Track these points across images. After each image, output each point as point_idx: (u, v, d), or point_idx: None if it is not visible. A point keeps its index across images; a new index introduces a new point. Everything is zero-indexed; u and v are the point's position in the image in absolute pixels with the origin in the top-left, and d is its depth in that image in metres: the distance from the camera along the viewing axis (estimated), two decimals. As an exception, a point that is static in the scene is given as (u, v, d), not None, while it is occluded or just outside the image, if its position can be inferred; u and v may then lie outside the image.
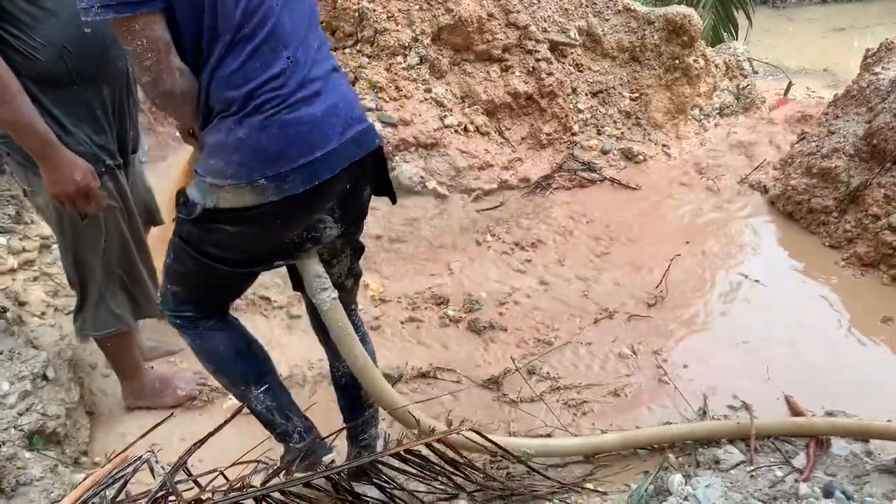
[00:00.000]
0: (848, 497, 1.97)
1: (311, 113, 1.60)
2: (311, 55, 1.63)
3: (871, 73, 4.18)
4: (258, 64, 1.53)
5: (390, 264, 3.61)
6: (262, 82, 1.54)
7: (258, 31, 1.52)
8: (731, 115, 5.38)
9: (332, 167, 1.63)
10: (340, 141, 1.65)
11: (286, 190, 1.58)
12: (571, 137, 4.64)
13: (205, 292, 1.91)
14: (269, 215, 1.63)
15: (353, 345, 1.94)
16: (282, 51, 1.56)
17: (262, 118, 1.54)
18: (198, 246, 1.75)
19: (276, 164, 1.56)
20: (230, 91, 1.54)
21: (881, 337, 3.10)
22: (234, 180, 1.57)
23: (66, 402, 2.37)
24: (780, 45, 8.72)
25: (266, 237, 1.72)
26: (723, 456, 2.32)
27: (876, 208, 3.58)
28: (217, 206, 1.61)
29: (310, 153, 1.59)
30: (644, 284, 3.49)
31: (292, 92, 1.57)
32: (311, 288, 1.87)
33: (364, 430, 2.21)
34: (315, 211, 1.72)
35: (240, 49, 1.52)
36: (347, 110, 1.69)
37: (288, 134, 1.57)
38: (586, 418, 2.69)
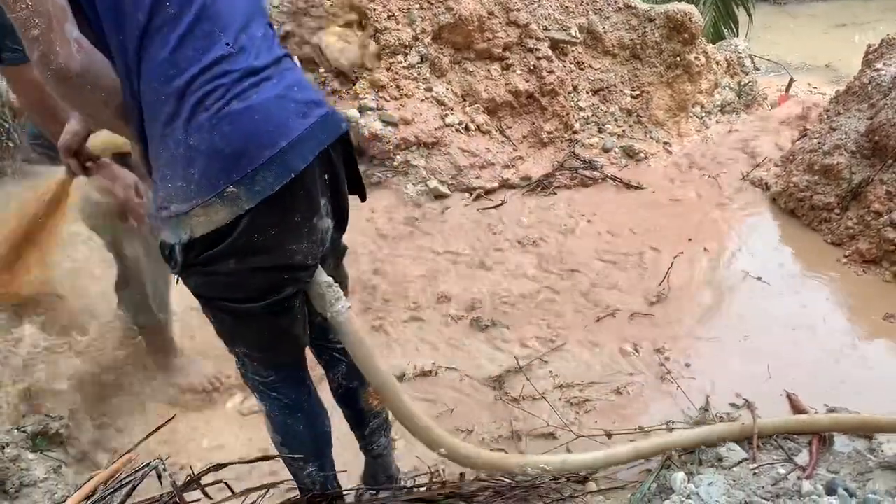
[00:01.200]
0: (851, 494, 1.97)
1: (264, 99, 1.38)
2: (257, 43, 1.42)
3: (873, 70, 4.17)
4: (191, 51, 1.32)
5: (392, 263, 3.61)
6: (199, 71, 1.32)
7: (185, 11, 1.31)
8: (733, 112, 5.37)
9: (304, 156, 1.40)
10: (304, 126, 1.42)
11: (259, 192, 1.34)
12: (573, 135, 4.64)
13: (267, 344, 1.69)
14: (256, 231, 1.41)
15: (371, 355, 1.78)
16: (219, 35, 1.35)
17: (208, 115, 1.32)
18: (211, 296, 1.56)
19: (238, 164, 1.33)
20: (161, 85, 1.31)
21: (883, 334, 3.10)
22: (199, 198, 1.33)
23: (70, 402, 2.38)
24: (781, 41, 8.70)
25: (271, 257, 1.48)
26: (725, 454, 2.32)
27: (878, 205, 3.57)
28: (193, 236, 1.37)
29: (274, 144, 1.36)
30: (646, 282, 3.49)
31: (237, 80, 1.35)
32: (325, 300, 1.68)
33: (373, 441, 2.11)
34: (308, 210, 1.50)
35: (165, 34, 1.30)
36: (304, 93, 1.48)
37: (243, 127, 1.34)
38: (589, 416, 2.69)
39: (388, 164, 4.11)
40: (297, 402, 1.80)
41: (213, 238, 1.38)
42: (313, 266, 1.61)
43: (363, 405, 1.99)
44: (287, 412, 1.80)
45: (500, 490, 2.15)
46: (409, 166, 4.11)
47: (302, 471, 1.89)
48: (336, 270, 1.82)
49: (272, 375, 1.76)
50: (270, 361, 1.74)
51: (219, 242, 1.39)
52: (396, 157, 4.09)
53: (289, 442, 1.85)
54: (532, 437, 2.61)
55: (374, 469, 2.17)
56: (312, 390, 1.87)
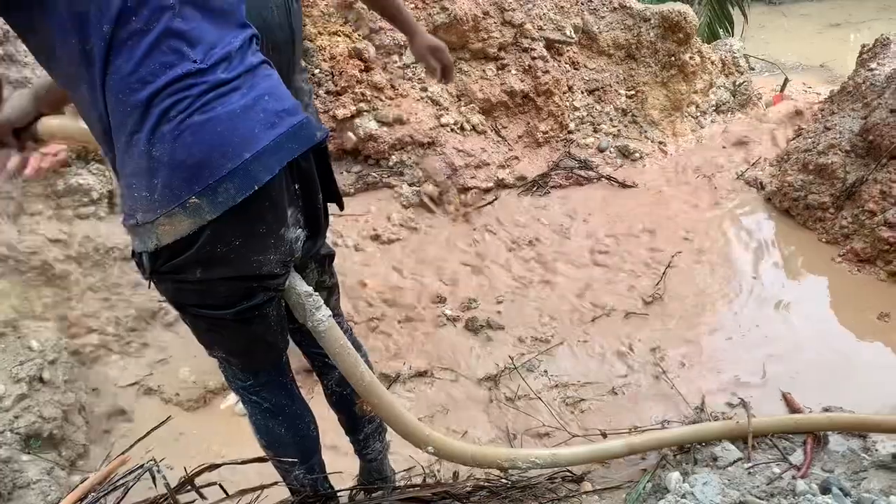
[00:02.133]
0: (845, 493, 1.97)
1: (230, 110, 1.36)
2: (231, 54, 1.40)
3: (867, 69, 4.18)
4: (157, 65, 1.30)
5: (387, 264, 3.61)
6: (164, 84, 1.30)
7: (152, 26, 1.29)
8: (728, 111, 5.37)
9: (269, 168, 1.38)
10: (272, 137, 1.40)
11: (222, 203, 1.33)
12: (568, 135, 4.64)
13: (242, 350, 1.69)
14: (220, 242, 1.40)
15: (357, 363, 1.77)
16: (186, 51, 1.33)
17: (171, 127, 1.30)
18: (184, 302, 1.56)
19: (200, 176, 1.32)
20: (127, 97, 1.30)
21: (878, 332, 3.11)
22: (163, 208, 1.33)
23: (63, 404, 2.37)
24: (775, 41, 8.72)
25: (235, 267, 1.47)
26: (720, 453, 2.32)
27: (872, 204, 3.58)
28: (159, 245, 1.37)
29: (237, 156, 1.34)
30: (641, 282, 3.49)
31: (203, 92, 1.34)
32: (304, 310, 1.67)
33: (367, 445, 2.12)
34: (274, 222, 1.48)
35: (132, 48, 1.28)
36: (276, 102, 1.45)
37: (205, 139, 1.32)
38: (584, 416, 2.70)
39: (382, 164, 4.11)
40: (278, 407, 1.80)
41: (179, 247, 1.38)
42: (283, 275, 1.59)
43: (357, 411, 1.98)
44: (269, 416, 1.80)
45: (495, 490, 2.15)
46: (405, 166, 4.10)
47: (289, 473, 1.89)
48: (322, 277, 1.82)
49: (251, 380, 1.76)
50: (249, 367, 1.74)
51: (184, 252, 1.38)
52: (391, 157, 4.08)
53: (272, 445, 1.85)
54: (527, 437, 2.61)
55: (368, 472, 2.17)
56: (296, 395, 1.87)
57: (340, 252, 3.62)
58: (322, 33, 4.12)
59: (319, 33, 4.11)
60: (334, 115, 3.97)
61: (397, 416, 1.87)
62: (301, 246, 1.61)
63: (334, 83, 4.01)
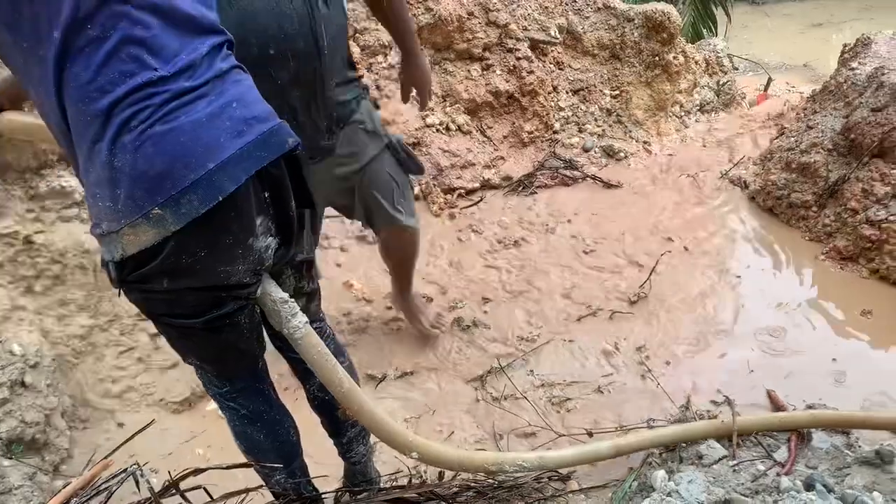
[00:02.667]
0: (829, 489, 1.98)
1: (194, 119, 1.32)
2: (197, 61, 1.36)
3: (848, 69, 4.22)
4: (116, 74, 1.26)
5: (373, 264, 3.60)
6: (124, 94, 1.27)
7: (109, 34, 1.25)
8: (712, 111, 5.40)
9: (234, 177, 1.35)
10: (239, 145, 1.37)
11: (185, 215, 1.30)
12: (553, 135, 4.65)
13: (215, 358, 1.69)
14: (184, 253, 1.37)
15: (335, 370, 1.76)
16: (147, 59, 1.29)
17: (132, 137, 1.27)
18: (153, 311, 1.54)
19: (162, 186, 1.29)
20: (86, 106, 1.27)
21: (861, 330, 3.14)
22: (126, 218, 1.30)
23: (45, 408, 2.35)
24: (758, 40, 8.78)
25: (201, 278, 1.45)
26: (705, 451, 2.33)
27: (854, 202, 3.61)
28: (125, 254, 1.35)
29: (200, 166, 1.31)
30: (626, 281, 3.50)
31: (166, 101, 1.30)
32: (280, 317, 1.65)
33: (351, 448, 2.11)
34: (241, 232, 1.45)
35: (89, 55, 1.25)
36: (245, 110, 1.41)
37: (167, 149, 1.29)
38: (570, 416, 2.70)
39: (368, 164, 4.10)
40: (255, 413, 1.79)
41: (144, 258, 1.36)
42: (252, 284, 1.56)
43: (340, 415, 1.96)
44: (247, 422, 1.80)
45: (482, 490, 2.15)
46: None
47: (270, 478, 1.89)
48: (300, 283, 1.79)
49: (227, 386, 1.75)
50: (223, 373, 1.73)
51: (149, 262, 1.37)
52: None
53: (252, 451, 1.85)
54: (513, 437, 2.62)
55: (353, 475, 2.17)
56: (274, 400, 1.86)
57: (326, 253, 3.61)
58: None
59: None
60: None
61: (378, 422, 1.87)
62: (273, 254, 1.59)
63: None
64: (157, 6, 1.32)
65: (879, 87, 3.75)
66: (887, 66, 3.94)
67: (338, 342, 2.03)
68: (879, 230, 3.45)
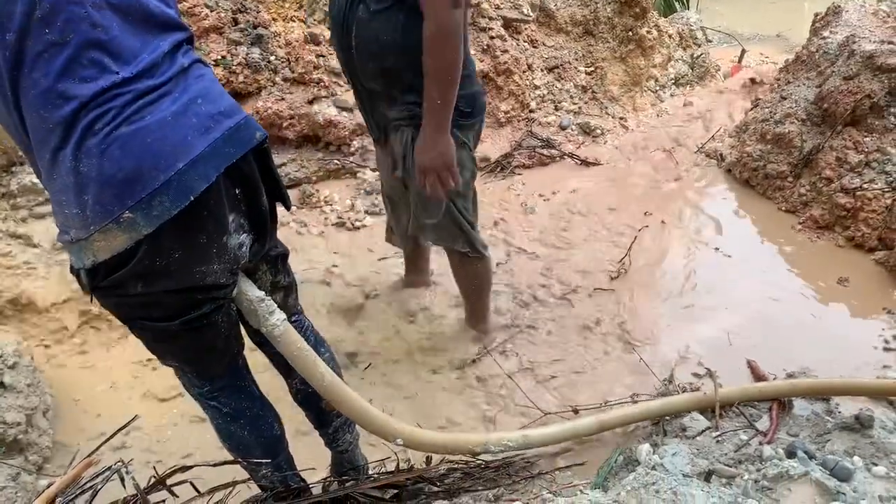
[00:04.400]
0: (810, 456, 2.01)
1: (160, 118, 1.30)
2: (159, 59, 1.34)
3: (820, 38, 4.24)
4: (77, 80, 1.23)
5: (353, 251, 3.58)
6: (88, 98, 1.23)
7: (68, 38, 1.22)
8: (687, 84, 5.42)
9: (205, 176, 1.33)
10: (207, 142, 1.34)
11: (157, 217, 1.28)
12: (529, 114, 4.64)
13: (194, 358, 1.66)
14: (158, 255, 1.35)
15: (315, 365, 1.77)
16: (108, 63, 1.26)
17: (97, 141, 1.23)
18: (129, 316, 1.51)
19: (132, 190, 1.26)
20: (48, 113, 1.23)
21: (838, 297, 3.18)
22: (96, 224, 1.27)
23: (26, 408, 2.33)
24: (730, 12, 8.78)
25: (177, 280, 1.42)
26: (689, 423, 2.36)
27: (829, 171, 3.64)
28: (97, 261, 1.32)
29: (170, 167, 1.28)
30: (606, 258, 3.51)
31: (129, 102, 1.27)
32: (257, 316, 1.67)
33: (337, 438, 2.11)
34: (214, 230, 1.43)
35: (48, 61, 1.21)
36: (210, 105, 1.39)
37: (134, 151, 1.26)
38: (556, 393, 2.72)
39: (344, 150, 4.07)
40: (237, 411, 1.78)
41: (117, 263, 1.33)
42: (228, 284, 1.55)
43: (324, 405, 1.96)
44: (230, 420, 1.79)
45: (469, 471, 2.16)
46: (367, 151, 4.07)
47: (256, 472, 1.89)
48: (276, 277, 1.78)
49: (207, 386, 1.74)
50: (203, 373, 1.71)
51: (122, 267, 1.34)
52: (353, 142, 4.05)
53: (237, 448, 1.84)
54: (502, 418, 2.63)
55: (340, 463, 2.17)
56: (256, 395, 1.85)
57: (305, 240, 3.59)
58: (277, 19, 4.06)
59: (274, 19, 4.05)
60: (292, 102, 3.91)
61: (362, 412, 1.88)
62: (248, 251, 1.58)
63: (291, 69, 3.95)
64: (116, 5, 1.29)
65: (851, 55, 3.77)
66: (858, 34, 3.96)
67: (318, 334, 2.02)
68: (854, 198, 3.49)
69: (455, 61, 1.98)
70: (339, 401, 1.84)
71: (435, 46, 1.95)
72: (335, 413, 2.01)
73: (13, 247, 2.98)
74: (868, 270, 3.31)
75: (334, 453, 2.16)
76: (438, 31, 1.92)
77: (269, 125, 3.81)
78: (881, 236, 3.39)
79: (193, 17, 3.73)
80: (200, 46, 3.72)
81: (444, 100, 2.03)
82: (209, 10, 3.82)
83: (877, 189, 3.42)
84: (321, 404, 1.96)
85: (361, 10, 2.01)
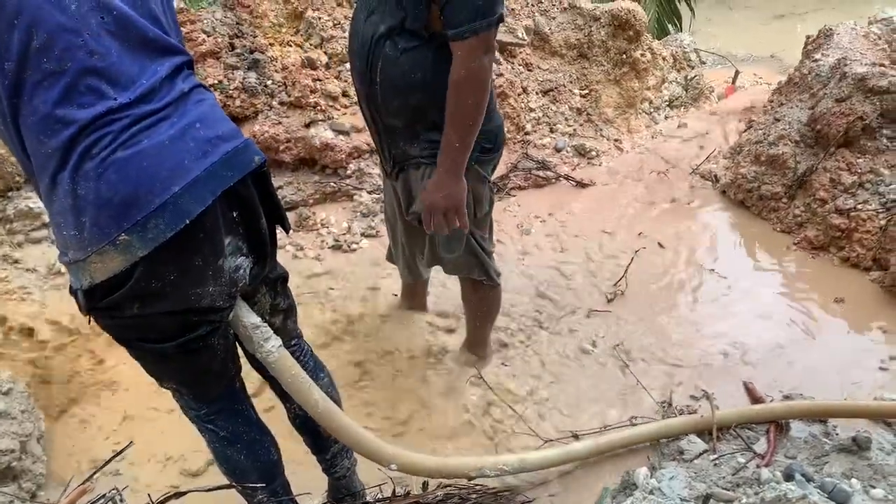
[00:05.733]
0: (808, 479, 2.01)
1: (157, 143, 1.32)
2: (157, 84, 1.36)
3: (812, 60, 4.28)
4: (75, 106, 1.26)
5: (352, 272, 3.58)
6: (85, 123, 1.26)
7: (66, 67, 1.24)
8: (681, 106, 5.45)
9: (201, 199, 1.35)
10: (204, 167, 1.36)
11: (152, 239, 1.30)
12: (525, 137, 4.66)
13: (191, 380, 1.67)
14: (154, 277, 1.37)
15: (310, 391, 1.77)
16: (106, 89, 1.28)
17: (94, 164, 1.26)
18: (126, 337, 1.53)
19: (127, 213, 1.28)
20: (47, 139, 1.26)
21: (835, 317, 3.18)
22: (93, 246, 1.29)
23: (20, 434, 2.31)
24: (723, 34, 8.89)
25: (173, 302, 1.43)
26: (686, 446, 2.35)
27: (823, 192, 3.66)
28: (93, 282, 1.34)
29: (165, 190, 1.30)
30: (603, 279, 3.52)
31: (126, 127, 1.29)
32: (252, 342, 1.68)
33: (335, 464, 2.10)
34: (210, 253, 1.44)
35: (47, 89, 1.24)
36: (208, 130, 1.41)
37: (130, 174, 1.28)
38: (551, 415, 2.71)
39: (340, 173, 4.08)
40: (234, 434, 1.78)
41: (113, 284, 1.35)
42: (226, 308, 1.56)
43: (322, 432, 1.96)
44: (226, 444, 1.78)
45: (466, 497, 2.15)
46: (363, 174, 4.09)
47: (252, 498, 1.88)
48: (276, 300, 1.78)
49: (205, 408, 1.74)
50: (201, 396, 1.72)
51: (118, 288, 1.36)
52: (349, 165, 4.06)
53: (233, 472, 1.84)
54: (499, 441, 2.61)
55: (337, 489, 2.16)
56: (253, 419, 1.85)
57: (301, 264, 3.59)
58: (273, 44, 4.09)
59: (271, 44, 4.08)
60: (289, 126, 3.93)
61: (357, 438, 1.88)
62: (246, 274, 1.59)
63: (287, 93, 3.98)
64: (114, 32, 1.31)
65: (842, 77, 3.81)
66: (849, 56, 4.00)
67: (317, 359, 2.02)
68: (848, 219, 3.51)
69: (480, 107, 1.95)
70: (333, 427, 1.84)
71: (461, 90, 1.91)
72: (333, 439, 2.00)
73: (9, 271, 2.98)
74: (863, 290, 3.32)
75: (331, 479, 2.15)
76: (468, 75, 1.88)
77: (265, 149, 3.83)
78: (875, 256, 3.40)
79: (191, 43, 3.76)
80: (197, 71, 3.75)
81: (462, 143, 1.99)
82: (206, 35, 3.85)
83: (870, 210, 3.44)
84: (319, 430, 1.95)
85: (389, 46, 1.97)
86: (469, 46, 1.84)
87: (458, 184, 2.07)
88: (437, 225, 2.14)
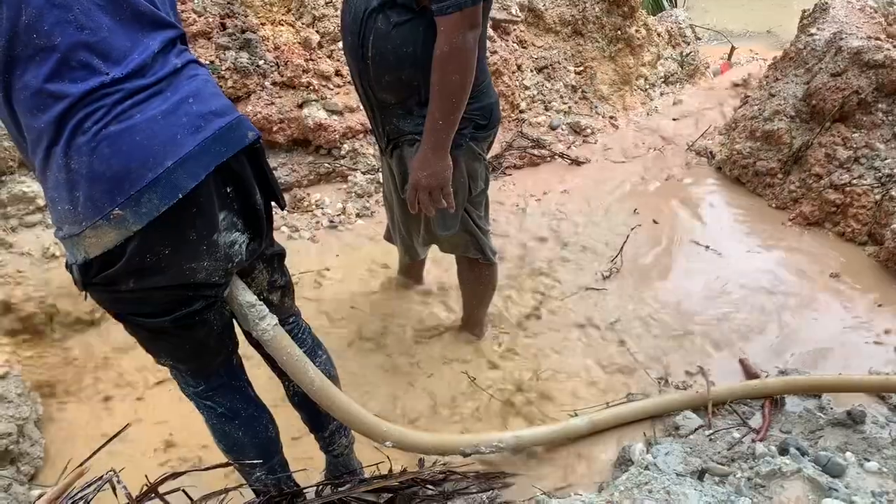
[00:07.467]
0: (802, 452, 2.02)
1: (149, 117, 1.31)
2: (150, 59, 1.35)
3: (807, 35, 4.25)
4: (67, 81, 1.25)
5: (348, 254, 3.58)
6: (77, 99, 1.25)
7: (56, 42, 1.23)
8: (677, 82, 5.43)
9: (194, 174, 1.35)
10: (197, 142, 1.36)
11: (146, 214, 1.30)
12: (519, 115, 4.64)
13: (186, 356, 1.67)
14: (148, 252, 1.37)
15: (305, 370, 1.78)
16: (97, 64, 1.28)
17: (86, 139, 1.26)
18: (121, 312, 1.53)
19: (121, 187, 1.28)
20: (40, 113, 1.26)
21: (830, 292, 3.19)
22: (87, 220, 1.29)
23: (17, 418, 2.31)
24: (717, 10, 8.81)
25: (167, 277, 1.44)
26: (682, 422, 2.36)
27: (818, 168, 3.65)
28: (88, 257, 1.35)
29: (158, 165, 1.30)
30: (598, 257, 3.52)
31: (119, 101, 1.29)
32: (248, 320, 1.68)
33: (333, 441, 2.10)
34: (204, 228, 1.44)
35: (38, 64, 1.24)
36: (201, 105, 1.40)
37: (123, 149, 1.27)
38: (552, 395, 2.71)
39: (334, 153, 4.07)
40: (232, 411, 1.79)
41: (109, 259, 1.36)
42: (221, 283, 1.57)
43: (320, 409, 1.95)
44: (224, 420, 1.79)
45: (464, 473, 2.16)
46: (358, 154, 4.07)
47: (250, 475, 1.88)
48: (273, 276, 1.78)
49: (202, 385, 1.75)
50: (198, 372, 1.72)
51: (114, 263, 1.36)
52: (343, 145, 4.04)
53: (231, 449, 1.84)
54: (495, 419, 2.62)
55: (335, 467, 2.16)
56: (251, 396, 1.86)
57: (297, 244, 3.58)
58: (265, 23, 4.06)
59: (262, 24, 4.04)
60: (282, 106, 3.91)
61: (352, 415, 1.89)
62: (243, 249, 1.58)
63: (280, 73, 3.95)
64: (104, 6, 1.30)
65: (838, 51, 3.79)
66: (845, 30, 3.98)
67: (315, 337, 2.01)
68: (843, 194, 3.51)
69: (463, 84, 1.92)
70: (329, 404, 1.85)
71: (445, 66, 1.89)
72: (330, 417, 2.00)
73: (3, 255, 2.97)
74: (859, 265, 3.33)
75: (329, 457, 2.16)
76: (451, 51, 1.86)
77: (259, 129, 3.80)
78: (871, 231, 3.41)
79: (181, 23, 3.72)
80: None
81: (446, 120, 1.97)
82: (197, 15, 3.81)
83: (866, 185, 3.44)
84: (317, 407, 1.95)
85: (381, 20, 1.95)
86: (453, 22, 1.82)
87: (443, 162, 2.05)
88: (423, 204, 2.13)
